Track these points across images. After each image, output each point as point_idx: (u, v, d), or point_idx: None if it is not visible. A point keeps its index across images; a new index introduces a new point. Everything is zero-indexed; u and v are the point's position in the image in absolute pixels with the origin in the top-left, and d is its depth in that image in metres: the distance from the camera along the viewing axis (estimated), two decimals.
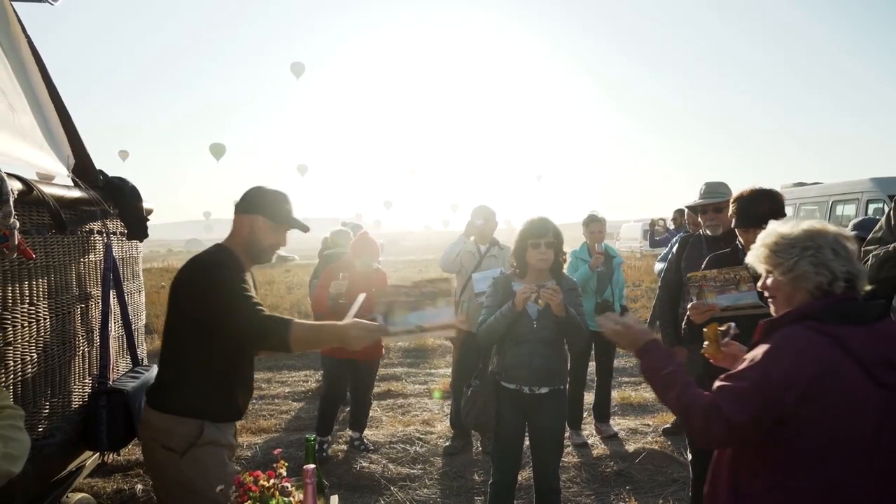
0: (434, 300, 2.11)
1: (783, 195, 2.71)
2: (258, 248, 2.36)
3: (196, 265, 2.29)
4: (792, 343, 1.62)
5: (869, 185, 12.49)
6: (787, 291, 1.74)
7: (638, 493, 4.02)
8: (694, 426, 1.70)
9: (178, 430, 2.20)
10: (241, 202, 2.38)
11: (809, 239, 1.71)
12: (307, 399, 6.48)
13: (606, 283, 4.99)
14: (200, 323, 2.20)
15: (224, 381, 2.31)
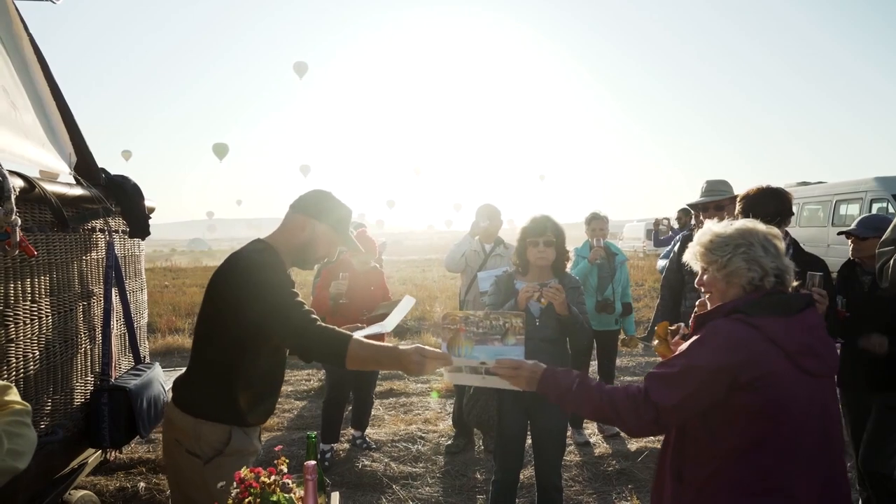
0: (504, 336, 1.94)
1: (790, 194, 2.69)
2: (309, 255, 2.24)
3: (240, 264, 2.10)
4: (719, 333, 1.72)
5: (873, 185, 12.45)
6: (721, 287, 1.83)
7: (640, 492, 4.01)
8: (623, 417, 1.75)
9: (206, 437, 2.09)
10: (308, 204, 2.23)
11: (742, 237, 1.81)
12: (310, 398, 6.48)
13: (608, 281, 4.98)
14: (239, 325, 2.04)
15: (257, 385, 2.18)
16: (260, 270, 2.06)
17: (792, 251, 2.65)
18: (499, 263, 4.58)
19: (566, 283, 3.11)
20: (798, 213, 13.78)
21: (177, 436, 2.14)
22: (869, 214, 4.20)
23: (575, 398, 1.83)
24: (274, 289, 2.03)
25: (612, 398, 1.77)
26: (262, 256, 2.12)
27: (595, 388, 1.83)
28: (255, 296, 2.01)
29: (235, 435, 2.13)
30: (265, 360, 2.17)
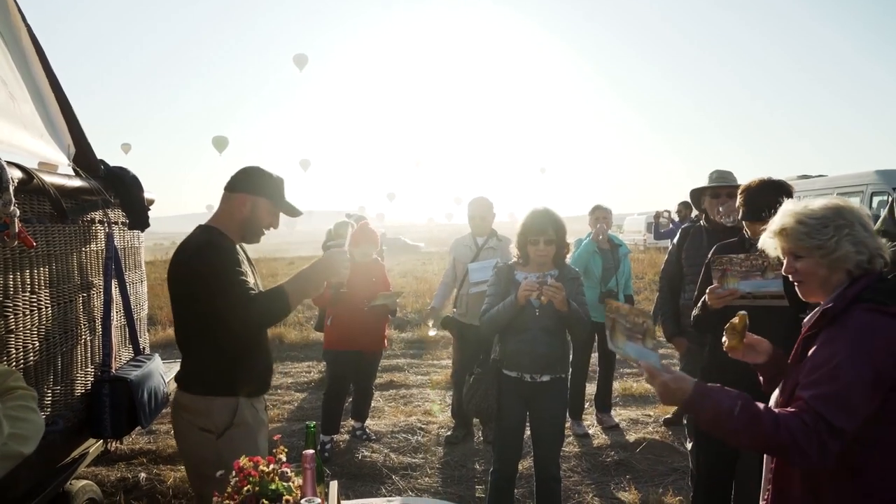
0: (644, 337, 1.83)
1: (792, 186, 2.69)
2: (255, 229, 2.42)
3: (187, 248, 2.31)
4: (871, 331, 1.51)
5: (874, 178, 12.42)
6: (823, 274, 1.65)
7: (638, 483, 4.03)
8: (804, 450, 1.45)
9: (216, 410, 2.27)
10: (243, 181, 2.39)
11: (840, 216, 1.62)
12: (310, 390, 6.50)
13: (612, 272, 4.99)
14: (199, 306, 2.23)
15: (245, 355, 2.34)
16: (204, 253, 2.24)
17: None
18: (491, 256, 4.58)
19: (566, 274, 3.12)
20: None
21: (189, 417, 2.30)
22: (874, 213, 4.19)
23: (737, 424, 1.51)
24: (217, 268, 2.20)
25: (789, 428, 1.47)
26: (206, 238, 2.31)
27: (766, 415, 1.51)
28: (202, 278, 2.20)
29: (242, 406, 2.31)
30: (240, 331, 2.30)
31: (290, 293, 2.23)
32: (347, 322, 4.52)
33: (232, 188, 2.40)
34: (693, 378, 1.63)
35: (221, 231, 2.37)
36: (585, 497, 3.88)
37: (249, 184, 2.38)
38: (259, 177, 2.41)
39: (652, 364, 1.70)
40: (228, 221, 2.39)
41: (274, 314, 2.26)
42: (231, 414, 2.28)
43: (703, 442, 2.85)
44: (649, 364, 1.70)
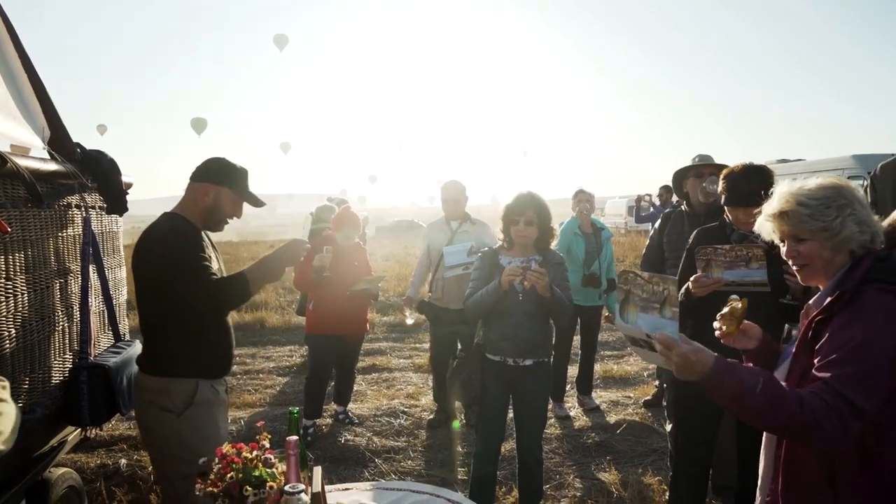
0: (662, 307, 1.69)
1: (773, 171, 2.71)
2: (217, 218, 2.50)
3: (151, 234, 2.37)
4: (882, 310, 1.48)
5: (851, 163, 12.61)
6: (827, 257, 1.60)
7: (618, 464, 4.10)
8: (827, 431, 1.41)
9: (175, 390, 2.34)
10: (207, 172, 2.47)
11: (841, 196, 1.58)
12: (292, 374, 6.49)
13: (594, 256, 5.02)
14: (162, 290, 2.31)
15: (207, 337, 2.42)
16: (168, 239, 2.32)
17: None
18: (466, 240, 4.58)
19: (550, 259, 3.13)
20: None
21: (150, 397, 2.38)
22: None
23: (760, 402, 1.45)
24: (179, 254, 2.28)
25: (812, 408, 1.43)
26: (171, 224, 2.39)
27: (790, 394, 1.46)
28: (165, 263, 2.27)
29: (202, 386, 2.39)
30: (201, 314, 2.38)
31: (250, 279, 2.34)
32: (330, 306, 4.51)
33: (196, 178, 2.48)
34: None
35: (186, 218, 2.44)
36: (567, 478, 3.93)
37: (213, 174, 2.46)
38: (223, 168, 2.48)
39: (668, 335, 1.57)
40: (192, 209, 2.46)
41: (234, 299, 2.38)
42: (190, 394, 2.35)
43: (682, 424, 2.90)
44: (665, 336, 1.57)
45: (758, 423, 1.55)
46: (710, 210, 3.48)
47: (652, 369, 6.19)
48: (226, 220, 2.53)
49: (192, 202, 2.47)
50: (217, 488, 1.63)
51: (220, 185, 2.45)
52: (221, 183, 2.46)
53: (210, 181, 2.45)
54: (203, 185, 2.45)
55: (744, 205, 2.61)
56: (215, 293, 2.29)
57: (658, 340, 1.57)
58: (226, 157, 2.54)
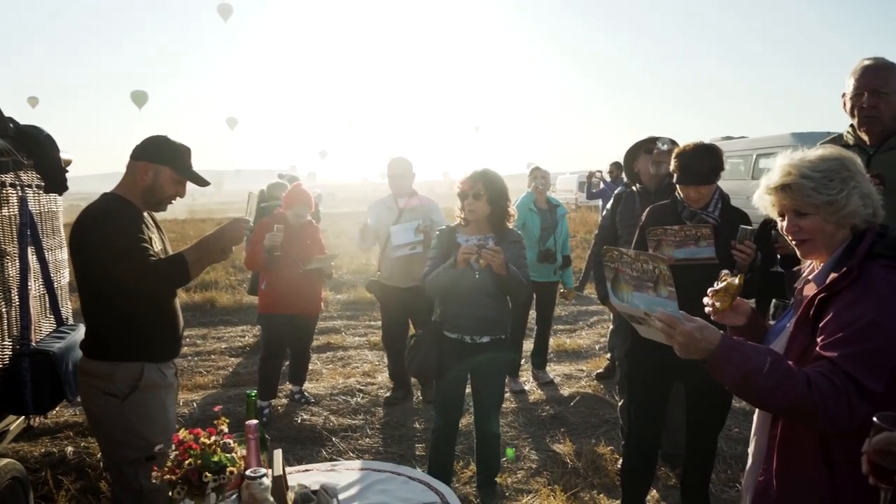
0: (656, 286, 1.62)
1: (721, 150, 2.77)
2: (158, 198, 2.41)
3: (87, 215, 2.30)
4: (889, 287, 1.43)
5: (790, 140, 13.11)
6: (829, 231, 1.52)
7: (572, 435, 4.20)
8: (832, 412, 1.37)
9: (119, 374, 2.28)
10: (146, 150, 2.39)
11: (844, 168, 1.51)
12: (244, 355, 6.39)
13: (549, 232, 5.08)
14: (99, 272, 2.24)
15: (151, 320, 2.36)
16: (105, 220, 2.24)
17: (721, 205, 2.76)
18: (413, 218, 4.53)
19: (507, 238, 3.15)
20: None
21: (92, 382, 2.31)
22: None
23: (767, 383, 1.40)
24: (116, 236, 2.21)
25: (820, 389, 1.37)
26: (107, 205, 2.32)
27: (799, 374, 1.40)
28: (102, 245, 2.20)
29: (148, 369, 2.33)
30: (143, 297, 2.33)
31: (190, 260, 2.27)
32: (283, 285, 4.43)
33: (135, 156, 2.39)
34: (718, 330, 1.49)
35: (125, 198, 2.36)
36: (522, 450, 4.02)
37: (152, 152, 2.38)
38: (162, 145, 2.40)
39: (670, 313, 1.49)
40: (132, 189, 2.38)
41: (173, 281, 2.32)
42: (135, 378, 2.30)
43: (634, 399, 2.98)
44: (666, 314, 1.49)
45: (763, 403, 1.52)
46: (660, 188, 3.55)
47: (603, 342, 6.34)
48: (168, 199, 2.45)
49: (132, 181, 2.38)
50: (175, 475, 1.59)
51: (159, 164, 2.36)
52: (161, 161, 2.37)
53: (149, 159, 2.36)
54: (142, 163, 2.37)
55: (695, 183, 2.67)
56: (152, 275, 2.22)
57: (660, 320, 1.49)
58: (167, 135, 2.45)
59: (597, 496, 3.38)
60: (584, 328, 7.41)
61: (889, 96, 2.47)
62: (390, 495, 1.98)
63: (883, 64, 2.53)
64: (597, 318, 7.76)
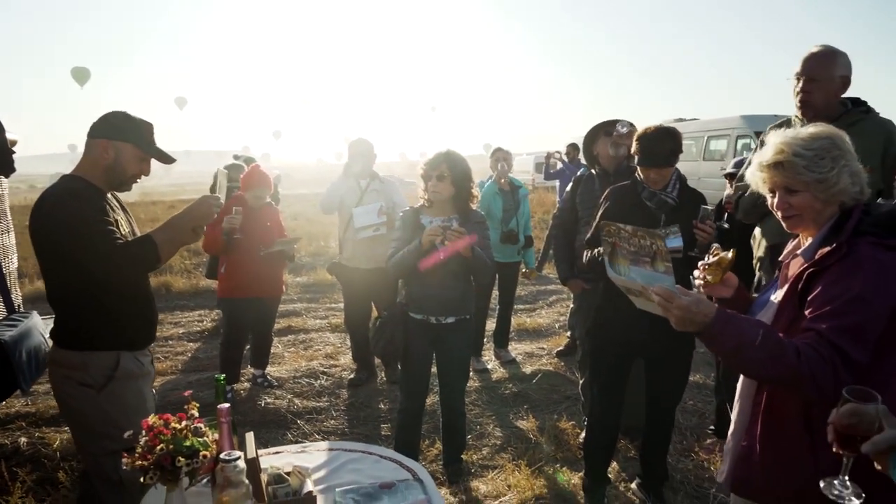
0: (653, 261, 1.65)
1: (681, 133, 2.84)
2: (121, 176, 2.27)
3: (46, 200, 2.15)
4: (877, 265, 1.47)
5: (739, 122, 13.49)
6: (818, 208, 1.57)
7: (535, 411, 4.30)
8: (820, 383, 1.42)
9: (93, 364, 2.19)
10: (105, 127, 2.24)
11: (835, 146, 1.55)
12: (203, 339, 6.28)
13: (512, 213, 5.13)
14: (64, 259, 2.12)
15: (121, 306, 2.24)
16: (63, 204, 2.10)
17: (679, 186, 2.84)
18: (375, 199, 4.53)
19: (471, 219, 3.17)
20: None
21: (65, 373, 2.20)
22: (742, 157, 4.55)
23: (760, 354, 1.46)
24: (77, 220, 2.08)
25: (808, 360, 1.43)
26: (67, 187, 2.17)
27: (789, 346, 1.46)
28: (62, 230, 2.08)
29: (124, 358, 2.24)
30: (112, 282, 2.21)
31: (159, 242, 2.15)
32: (243, 269, 4.37)
33: (93, 134, 2.24)
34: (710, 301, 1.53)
35: (86, 180, 2.22)
36: (487, 428, 4.09)
37: (111, 129, 2.24)
38: (122, 121, 2.26)
39: (667, 287, 1.55)
40: (92, 169, 2.24)
41: (142, 264, 2.18)
42: (111, 367, 2.21)
43: (596, 375, 3.06)
44: (663, 288, 1.55)
45: (754, 374, 1.56)
46: (619, 170, 3.62)
47: (563, 321, 6.47)
48: (132, 178, 2.30)
49: (92, 161, 2.23)
50: (147, 461, 1.57)
51: (120, 141, 2.22)
52: (122, 137, 2.23)
53: (109, 136, 2.22)
54: (101, 141, 2.22)
55: (656, 165, 2.74)
56: (119, 259, 2.09)
57: (657, 293, 1.55)
58: (126, 111, 2.32)
59: (560, 469, 3.47)
60: (544, 307, 7.54)
61: (822, 83, 2.65)
62: (362, 474, 2.00)
63: (822, 52, 2.68)
64: (556, 298, 7.90)
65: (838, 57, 2.67)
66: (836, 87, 2.68)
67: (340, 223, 4.75)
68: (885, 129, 2.65)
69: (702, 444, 3.75)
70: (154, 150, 2.31)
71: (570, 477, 3.39)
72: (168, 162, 2.39)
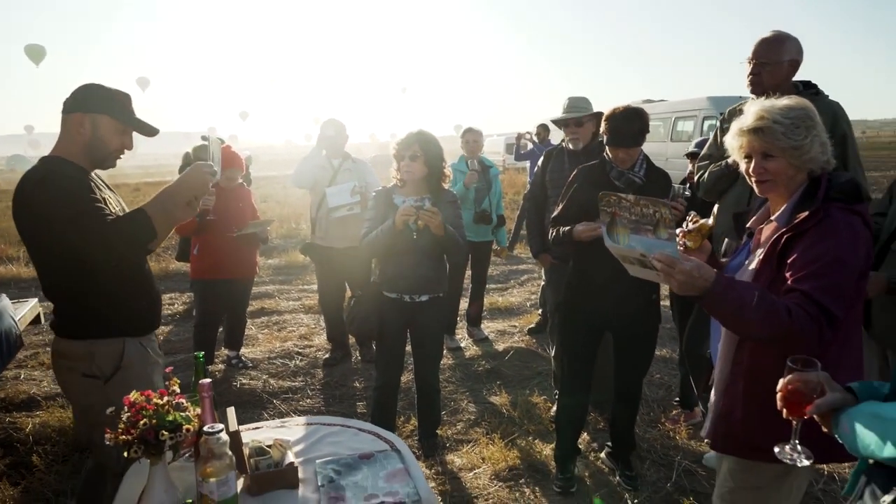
0: (656, 228, 1.68)
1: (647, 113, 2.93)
2: (103, 152, 2.14)
3: (26, 183, 2.03)
4: (848, 228, 1.60)
5: (706, 104, 13.71)
6: (790, 174, 1.69)
7: (508, 387, 4.40)
8: (804, 341, 1.53)
9: (100, 354, 2.11)
10: (78, 100, 2.12)
11: (808, 117, 1.66)
12: (175, 322, 6.24)
13: (484, 193, 5.18)
14: (54, 243, 2.01)
15: (123, 291, 2.15)
16: (44, 186, 1.99)
17: (646, 166, 2.92)
18: (348, 178, 4.55)
19: (444, 198, 3.21)
20: None
21: (69, 364, 2.11)
22: (704, 137, 4.69)
23: (756, 315, 1.56)
24: (61, 200, 1.97)
25: (798, 318, 1.53)
26: (46, 168, 2.05)
27: (780, 305, 1.55)
28: (48, 213, 1.97)
29: (129, 345, 2.16)
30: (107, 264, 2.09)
31: (152, 214, 2.02)
32: (216, 250, 4.36)
33: (67, 109, 2.12)
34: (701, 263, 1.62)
35: (66, 159, 2.09)
36: (461, 404, 4.17)
37: (85, 101, 2.11)
38: (96, 92, 2.13)
39: (669, 254, 1.63)
40: (71, 146, 2.11)
41: (137, 239, 2.02)
42: (117, 356, 2.12)
43: (566, 345, 3.15)
44: (665, 255, 1.63)
45: (749, 333, 1.66)
46: (589, 149, 3.71)
47: (534, 300, 6.59)
48: (114, 153, 2.17)
49: (69, 138, 2.11)
50: (130, 436, 1.59)
51: (95, 113, 2.09)
52: (97, 109, 2.10)
53: (83, 110, 2.09)
54: (76, 115, 2.09)
55: (624, 145, 2.81)
56: (112, 236, 1.96)
57: (658, 260, 1.63)
58: (99, 83, 2.19)
59: (532, 441, 3.58)
60: (516, 286, 7.65)
61: (770, 66, 2.80)
62: (341, 446, 2.05)
63: (771, 38, 2.83)
64: (527, 277, 8.01)
65: (787, 42, 2.80)
66: (784, 71, 2.81)
67: (313, 203, 4.76)
68: (832, 110, 2.78)
69: (668, 416, 3.90)
70: (134, 121, 2.19)
71: (542, 448, 3.50)
72: (150, 134, 2.25)
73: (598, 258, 2.90)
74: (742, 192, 2.90)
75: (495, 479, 3.22)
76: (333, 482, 1.81)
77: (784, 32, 2.83)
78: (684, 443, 3.58)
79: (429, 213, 2.99)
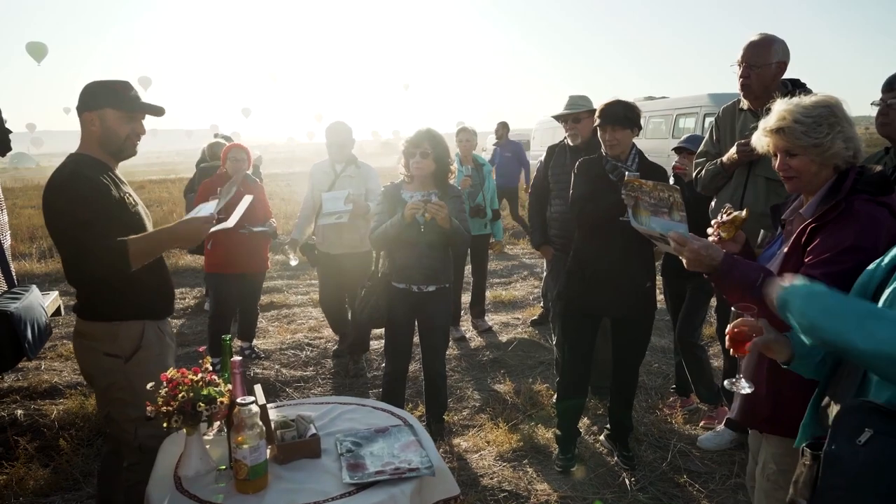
0: (670, 211, 1.85)
1: (640, 108, 3.09)
2: (118, 144, 2.28)
3: (52, 183, 2.19)
4: (870, 218, 1.66)
5: (707, 101, 13.81)
6: (814, 171, 1.76)
7: (511, 376, 4.56)
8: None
9: (122, 334, 2.25)
10: (83, 100, 2.26)
11: (832, 114, 1.72)
12: (188, 316, 6.41)
13: (478, 189, 5.34)
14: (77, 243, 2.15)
15: (141, 277, 2.25)
16: (65, 191, 2.14)
17: (638, 159, 3.08)
18: (348, 185, 4.43)
19: (448, 193, 3.37)
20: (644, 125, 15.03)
21: (92, 343, 2.26)
22: (693, 133, 4.85)
23: (758, 294, 1.62)
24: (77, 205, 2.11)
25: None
26: (71, 170, 2.19)
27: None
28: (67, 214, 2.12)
29: (148, 328, 2.32)
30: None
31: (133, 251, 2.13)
32: (230, 245, 4.50)
33: (79, 110, 2.28)
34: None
35: (90, 156, 2.26)
36: (466, 391, 4.34)
37: (88, 99, 2.25)
38: (94, 89, 2.26)
39: (681, 233, 1.80)
40: (91, 143, 2.27)
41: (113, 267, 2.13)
42: (138, 337, 2.28)
43: (567, 332, 3.30)
44: (679, 234, 1.81)
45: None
46: (590, 144, 3.86)
47: (536, 293, 6.75)
48: (129, 142, 2.31)
49: (87, 136, 2.27)
50: (171, 407, 1.76)
51: (99, 108, 2.23)
52: (99, 105, 2.23)
53: (89, 107, 2.24)
54: (86, 114, 2.25)
55: (609, 122, 2.98)
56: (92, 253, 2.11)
57: (673, 239, 1.83)
58: (99, 80, 2.33)
59: (535, 426, 3.74)
60: (519, 281, 7.80)
61: (759, 69, 2.94)
62: (358, 422, 2.21)
63: (761, 40, 2.96)
64: (529, 272, 8.17)
65: (774, 44, 2.94)
66: (772, 72, 2.95)
67: (315, 206, 4.66)
68: None
69: (665, 402, 4.06)
70: (137, 106, 2.29)
71: (545, 432, 3.66)
72: (157, 114, 2.37)
73: (596, 248, 3.07)
74: (736, 188, 3.05)
75: (499, 459, 3.38)
76: (352, 452, 1.97)
77: (771, 35, 2.97)
78: (680, 427, 3.74)
79: (436, 207, 3.14)
